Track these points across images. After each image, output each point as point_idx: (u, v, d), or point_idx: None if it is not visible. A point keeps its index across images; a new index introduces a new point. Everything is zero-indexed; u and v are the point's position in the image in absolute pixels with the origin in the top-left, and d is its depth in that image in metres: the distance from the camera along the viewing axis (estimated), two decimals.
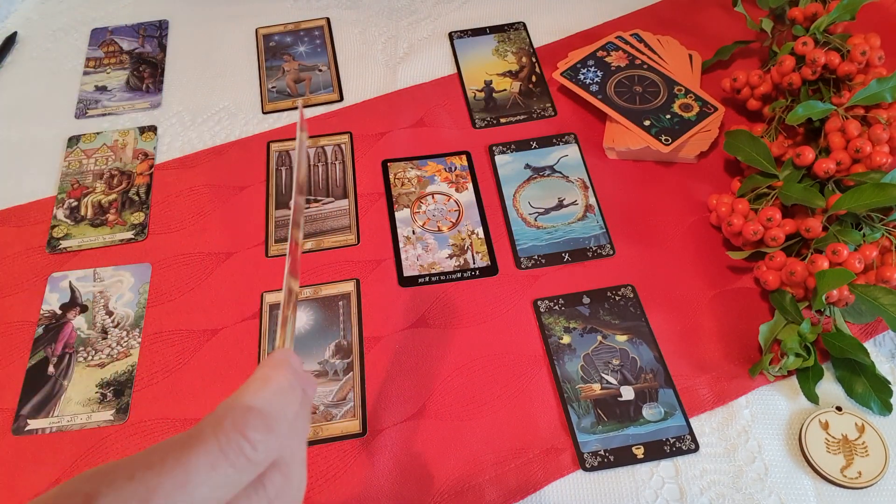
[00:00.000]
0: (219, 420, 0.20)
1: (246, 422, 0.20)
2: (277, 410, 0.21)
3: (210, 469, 0.19)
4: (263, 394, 0.21)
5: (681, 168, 0.54)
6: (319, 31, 0.65)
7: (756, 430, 0.41)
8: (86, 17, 0.68)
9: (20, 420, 0.43)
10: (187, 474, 0.18)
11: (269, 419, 0.20)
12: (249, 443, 0.19)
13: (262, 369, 0.22)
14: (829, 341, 0.42)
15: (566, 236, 0.50)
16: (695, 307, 0.46)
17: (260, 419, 0.20)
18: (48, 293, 0.49)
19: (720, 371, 0.44)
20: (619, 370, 0.43)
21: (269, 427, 0.20)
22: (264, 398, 0.21)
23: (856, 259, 0.42)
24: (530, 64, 0.61)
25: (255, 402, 0.21)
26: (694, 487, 0.39)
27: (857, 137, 0.45)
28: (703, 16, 0.64)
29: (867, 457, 0.39)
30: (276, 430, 0.20)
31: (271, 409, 0.21)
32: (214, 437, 0.19)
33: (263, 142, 0.57)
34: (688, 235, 0.50)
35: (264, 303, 0.48)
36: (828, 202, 0.44)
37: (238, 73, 0.62)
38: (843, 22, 0.51)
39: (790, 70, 0.50)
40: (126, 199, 0.54)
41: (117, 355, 0.46)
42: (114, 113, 0.60)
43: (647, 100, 0.55)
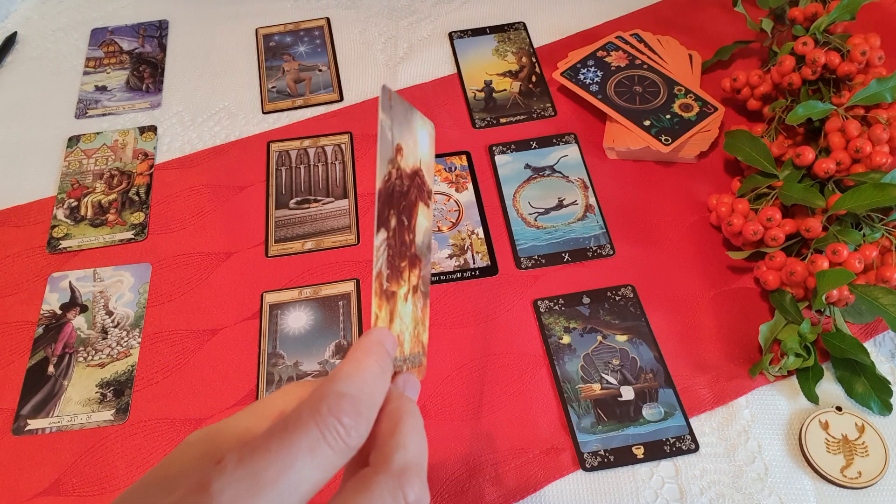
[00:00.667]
0: (316, 405, 0.21)
1: (340, 407, 0.21)
2: (367, 396, 0.22)
3: (311, 451, 0.20)
4: (354, 381, 0.22)
5: (681, 168, 0.54)
6: (319, 32, 0.65)
7: (756, 430, 0.41)
8: (86, 17, 0.68)
9: (20, 420, 0.43)
10: (291, 457, 0.19)
11: (360, 404, 0.21)
12: (344, 427, 0.20)
13: (355, 352, 0.23)
14: (829, 341, 0.42)
15: (566, 236, 0.50)
16: (695, 307, 0.46)
17: (351, 405, 0.21)
18: (48, 293, 0.49)
19: (720, 371, 0.44)
20: (619, 370, 0.43)
21: (359, 412, 0.21)
22: (356, 385, 0.22)
23: (856, 259, 0.42)
24: (530, 64, 0.61)
25: (347, 389, 0.21)
26: (694, 487, 0.39)
27: (857, 137, 0.45)
28: (703, 16, 0.64)
29: (867, 457, 0.39)
30: (365, 414, 0.21)
31: (361, 394, 0.22)
32: (313, 421, 0.20)
33: (263, 142, 0.57)
34: (688, 235, 0.50)
35: (264, 303, 0.48)
36: (828, 202, 0.44)
37: (238, 73, 0.62)
38: (843, 22, 0.51)
39: (790, 70, 0.50)
40: (126, 199, 0.54)
41: (117, 355, 0.46)
42: (114, 113, 0.60)
43: (647, 100, 0.55)
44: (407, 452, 0.22)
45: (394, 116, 0.27)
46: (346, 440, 0.20)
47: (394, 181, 0.27)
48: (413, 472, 0.22)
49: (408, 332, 0.28)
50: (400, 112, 0.28)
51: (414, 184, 0.29)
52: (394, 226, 0.27)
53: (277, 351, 0.45)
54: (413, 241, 0.28)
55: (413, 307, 0.28)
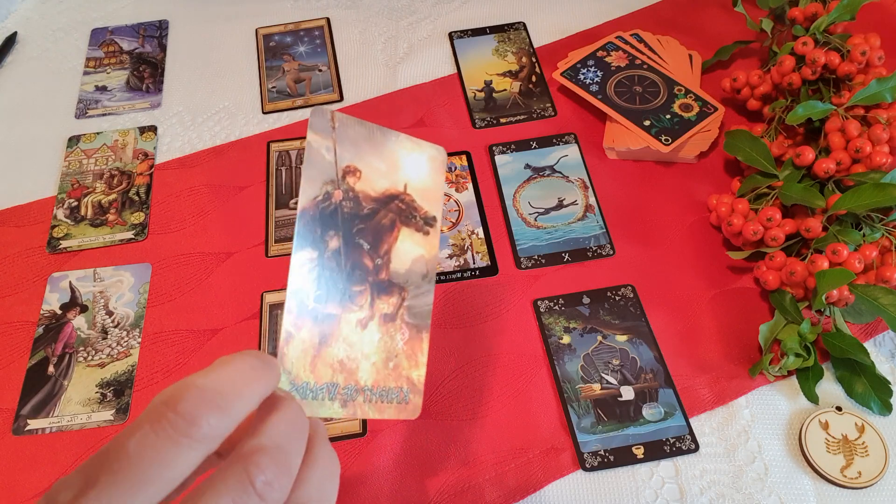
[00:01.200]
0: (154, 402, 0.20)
1: (181, 396, 0.20)
2: (228, 388, 0.21)
3: (141, 446, 0.19)
4: (213, 374, 0.21)
5: (681, 168, 0.54)
6: (319, 31, 0.65)
7: (756, 430, 0.41)
8: (86, 17, 0.68)
9: (20, 420, 0.43)
10: (126, 456, 0.19)
11: (212, 394, 0.20)
12: (183, 417, 0.19)
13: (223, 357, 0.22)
14: (828, 341, 0.42)
15: (566, 236, 0.50)
16: (695, 307, 0.46)
17: (197, 393, 0.20)
18: (48, 293, 0.49)
19: (720, 371, 0.44)
20: (618, 370, 0.43)
21: (209, 402, 0.20)
22: (213, 378, 0.21)
23: (856, 259, 0.42)
24: (530, 64, 0.61)
25: (200, 382, 0.20)
26: (694, 487, 0.39)
27: (857, 137, 0.45)
28: (703, 16, 0.64)
29: (867, 457, 0.40)
30: (222, 406, 0.20)
31: (218, 386, 0.20)
32: (145, 416, 0.19)
33: (263, 142, 0.57)
34: (688, 235, 0.50)
35: (264, 303, 0.48)
36: (828, 202, 0.44)
37: (238, 73, 0.62)
38: (843, 22, 0.51)
39: (790, 70, 0.50)
40: (126, 199, 0.54)
41: (117, 355, 0.46)
42: (114, 113, 0.60)
43: (647, 100, 0.55)
44: (262, 437, 0.21)
45: (340, 138, 0.27)
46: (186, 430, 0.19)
47: (337, 203, 0.26)
48: (263, 453, 0.20)
49: (367, 363, 0.26)
50: (354, 134, 0.27)
51: (389, 208, 0.28)
52: (335, 247, 0.26)
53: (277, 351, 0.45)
54: (383, 268, 0.27)
55: (383, 337, 0.27)
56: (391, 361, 0.27)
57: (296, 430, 0.23)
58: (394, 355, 0.27)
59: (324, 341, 0.26)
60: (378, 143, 0.28)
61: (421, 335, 0.28)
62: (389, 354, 0.27)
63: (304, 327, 0.25)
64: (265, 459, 0.20)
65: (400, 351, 0.27)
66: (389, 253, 0.28)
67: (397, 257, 0.28)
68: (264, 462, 0.20)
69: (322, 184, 0.26)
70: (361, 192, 0.27)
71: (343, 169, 0.27)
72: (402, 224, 0.28)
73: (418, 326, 0.28)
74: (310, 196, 0.26)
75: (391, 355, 0.27)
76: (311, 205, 0.26)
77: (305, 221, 0.25)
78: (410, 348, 0.28)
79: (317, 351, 0.25)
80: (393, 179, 0.28)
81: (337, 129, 0.27)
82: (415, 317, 0.28)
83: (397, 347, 0.27)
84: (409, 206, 0.28)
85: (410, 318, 0.28)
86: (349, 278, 0.26)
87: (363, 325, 0.27)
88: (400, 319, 0.28)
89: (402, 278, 0.28)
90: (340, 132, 0.27)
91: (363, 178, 0.27)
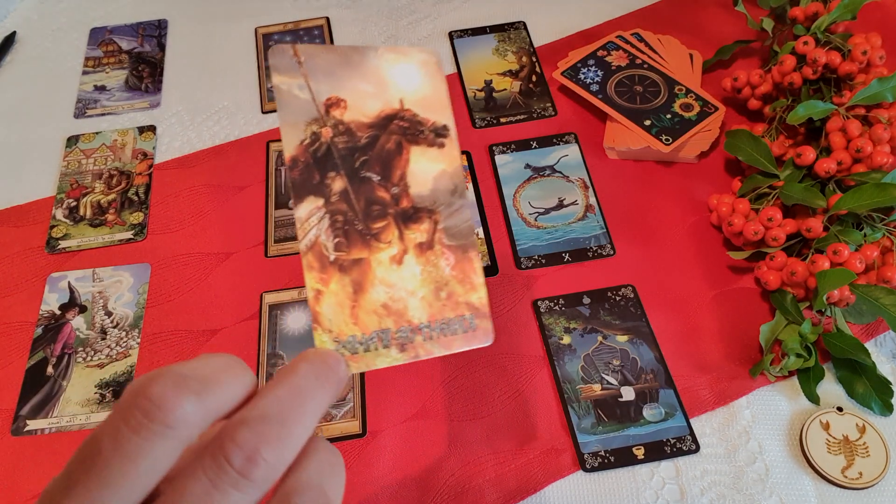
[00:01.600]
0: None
1: (154, 382, 0.18)
2: (206, 374, 0.19)
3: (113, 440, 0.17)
4: (190, 363, 0.19)
5: (681, 168, 0.54)
6: (319, 31, 0.65)
7: (757, 431, 0.41)
8: (85, 17, 0.68)
9: (19, 420, 0.43)
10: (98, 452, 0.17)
11: (187, 379, 0.18)
12: (154, 403, 0.17)
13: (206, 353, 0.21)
14: (829, 341, 0.42)
15: (566, 236, 0.50)
16: (695, 307, 0.46)
17: (172, 378, 0.18)
18: (47, 293, 0.49)
19: (721, 371, 0.44)
20: (619, 370, 0.43)
21: (184, 386, 0.18)
22: (188, 366, 0.19)
23: (857, 259, 0.42)
24: (530, 63, 0.61)
25: (175, 368, 0.19)
26: (694, 488, 0.39)
27: (858, 137, 0.45)
28: (703, 15, 0.64)
29: (868, 457, 0.39)
30: (198, 390, 0.18)
31: (195, 372, 0.19)
32: (117, 407, 0.18)
33: (263, 141, 0.57)
34: (688, 235, 0.50)
35: (264, 303, 0.48)
36: (829, 202, 0.44)
37: (237, 73, 0.62)
38: (844, 21, 0.51)
39: (791, 69, 0.50)
40: (125, 199, 0.54)
41: (116, 356, 0.46)
42: (113, 112, 0.60)
43: (647, 99, 0.55)
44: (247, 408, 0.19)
45: (311, 71, 0.24)
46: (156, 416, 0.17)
47: (328, 141, 0.24)
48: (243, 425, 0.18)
49: (415, 299, 0.24)
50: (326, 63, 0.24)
51: (390, 130, 0.25)
52: (341, 188, 0.24)
53: (277, 351, 0.45)
54: (402, 195, 0.25)
55: (425, 267, 0.24)
56: (442, 291, 0.25)
57: (292, 395, 0.20)
58: (443, 284, 0.25)
59: (358, 289, 0.24)
60: (356, 65, 0.25)
61: (469, 255, 0.25)
62: (438, 284, 0.25)
63: (332, 280, 0.23)
64: (245, 433, 0.18)
65: (449, 277, 0.25)
66: (405, 178, 0.25)
67: (415, 180, 0.25)
68: (243, 436, 0.18)
69: (304, 125, 0.24)
70: (352, 121, 0.25)
71: (324, 103, 0.24)
72: (410, 143, 0.25)
73: (463, 246, 0.25)
74: (295, 142, 0.23)
75: (440, 284, 0.25)
76: (300, 151, 0.24)
77: (299, 170, 0.23)
78: (460, 271, 0.25)
79: (353, 301, 0.24)
80: (385, 98, 0.25)
81: (305, 63, 0.24)
82: (455, 237, 0.25)
83: (444, 274, 0.25)
84: (412, 121, 0.26)
85: (450, 240, 0.25)
86: (366, 216, 0.24)
87: (397, 260, 0.24)
88: (439, 244, 0.25)
89: (428, 200, 0.25)
90: (309, 65, 0.24)
91: (350, 106, 0.25)
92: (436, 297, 0.25)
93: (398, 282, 0.24)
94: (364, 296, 0.24)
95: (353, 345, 0.23)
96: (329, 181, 0.24)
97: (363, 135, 0.25)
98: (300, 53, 0.24)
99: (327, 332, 0.23)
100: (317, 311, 0.23)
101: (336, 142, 0.24)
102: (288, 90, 0.24)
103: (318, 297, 0.23)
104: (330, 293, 0.23)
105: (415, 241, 0.25)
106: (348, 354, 0.23)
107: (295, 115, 0.24)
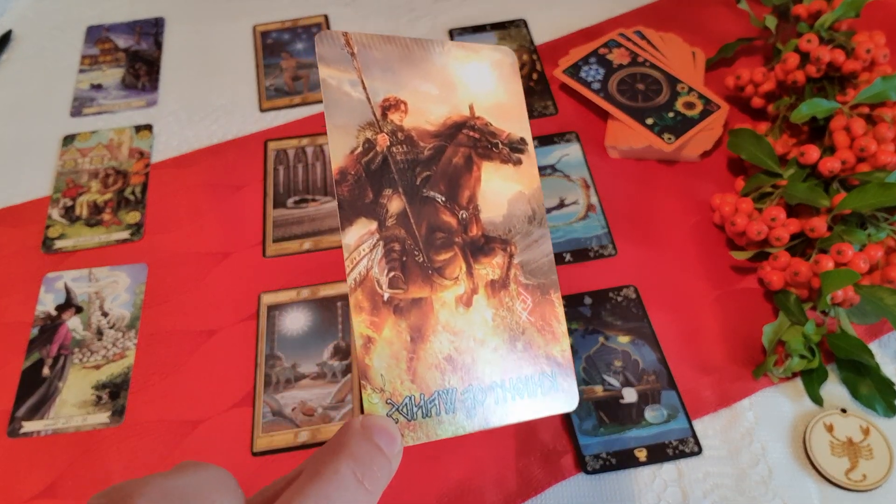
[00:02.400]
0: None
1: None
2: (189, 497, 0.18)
3: None
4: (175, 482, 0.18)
5: (684, 167, 0.53)
6: (317, 29, 0.65)
7: (760, 433, 0.41)
8: (81, 15, 0.67)
9: (15, 422, 0.43)
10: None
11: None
12: None
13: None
14: (833, 342, 0.42)
15: (567, 236, 0.49)
16: (698, 308, 0.46)
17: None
18: (43, 294, 0.48)
19: (723, 373, 0.43)
20: (621, 372, 0.43)
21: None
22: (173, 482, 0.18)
23: (861, 259, 0.41)
24: (531, 61, 0.61)
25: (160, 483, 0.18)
26: (697, 491, 0.39)
27: (861, 136, 0.45)
28: (706, 13, 0.63)
29: (872, 459, 0.39)
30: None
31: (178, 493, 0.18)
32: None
33: (261, 140, 0.56)
34: (691, 235, 0.49)
35: (261, 303, 0.47)
36: (832, 201, 0.44)
37: (235, 71, 0.61)
38: (848, 19, 0.50)
39: (794, 67, 0.50)
40: (122, 199, 0.53)
41: (113, 357, 0.45)
42: (109, 111, 0.59)
43: (649, 98, 0.54)
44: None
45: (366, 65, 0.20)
46: None
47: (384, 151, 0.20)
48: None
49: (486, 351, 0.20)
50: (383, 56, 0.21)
51: (458, 141, 0.21)
52: (399, 210, 0.20)
53: (275, 352, 0.45)
54: (472, 221, 0.21)
55: (499, 311, 0.20)
56: (518, 341, 0.21)
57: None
58: (520, 332, 0.21)
59: (418, 337, 0.20)
60: (419, 62, 0.21)
61: (549, 297, 0.21)
62: (514, 332, 0.21)
63: (386, 325, 0.19)
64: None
65: (527, 324, 0.21)
66: (475, 200, 0.21)
67: (487, 203, 0.21)
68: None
69: (357, 130, 0.20)
70: (414, 128, 0.21)
71: (381, 105, 0.20)
72: (482, 158, 0.22)
73: (542, 286, 0.21)
74: (344, 150, 0.19)
75: (516, 333, 0.21)
76: (350, 161, 0.20)
77: (349, 185, 0.19)
78: (540, 317, 0.21)
79: (412, 352, 0.19)
80: (453, 103, 0.21)
81: (358, 55, 0.20)
82: (533, 275, 0.21)
83: (521, 321, 0.21)
84: (485, 132, 0.22)
85: (528, 279, 0.21)
86: (429, 245, 0.20)
87: (465, 302, 0.20)
88: (514, 283, 0.21)
89: (503, 228, 0.21)
90: (363, 57, 0.20)
91: (411, 110, 0.21)
92: (511, 349, 0.20)
93: (466, 328, 0.20)
94: (424, 346, 0.20)
95: (410, 409, 0.19)
96: (384, 200, 0.20)
97: (426, 145, 0.21)
98: (353, 42, 0.21)
99: (378, 392, 0.19)
100: (366, 365, 0.19)
101: (394, 152, 0.21)
102: (338, 86, 0.20)
103: (367, 347, 0.19)
104: (383, 342, 0.19)
105: (486, 278, 0.21)
106: (403, 421, 0.19)
107: (345, 117, 0.20)
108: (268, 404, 0.43)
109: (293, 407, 0.42)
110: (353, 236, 0.19)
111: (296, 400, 0.43)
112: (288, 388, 0.43)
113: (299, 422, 0.42)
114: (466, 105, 0.22)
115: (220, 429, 0.42)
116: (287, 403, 0.42)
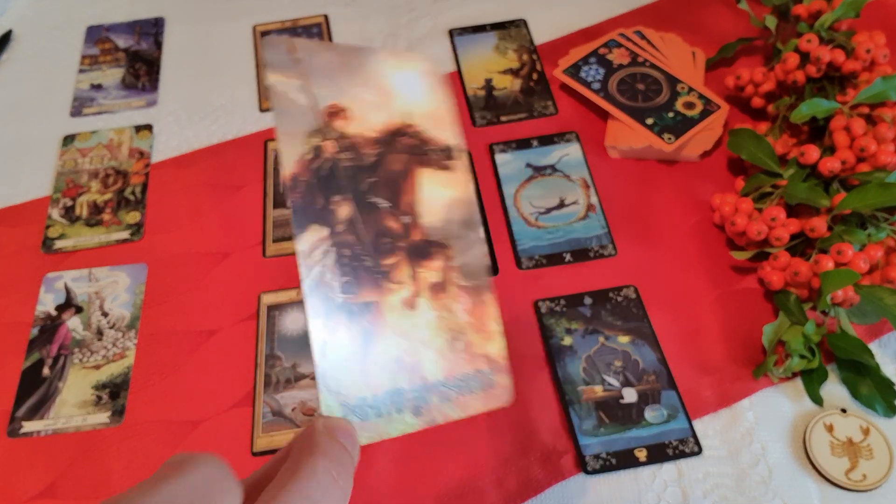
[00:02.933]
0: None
1: None
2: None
3: None
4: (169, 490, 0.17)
5: (684, 167, 0.53)
6: (318, 29, 0.65)
7: (760, 433, 0.41)
8: (81, 15, 0.67)
9: (15, 422, 0.43)
10: None
11: None
12: None
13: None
14: (833, 342, 0.42)
15: (567, 236, 0.49)
16: (698, 308, 0.46)
17: None
18: (43, 294, 0.48)
19: (723, 373, 0.43)
20: (621, 372, 0.43)
21: None
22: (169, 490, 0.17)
23: (861, 259, 0.41)
24: (531, 61, 0.61)
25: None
26: (697, 491, 0.39)
27: (861, 136, 0.45)
28: (706, 13, 0.63)
29: (872, 459, 0.39)
30: None
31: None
32: None
33: (261, 140, 0.56)
34: (691, 235, 0.49)
35: (262, 304, 0.47)
36: (833, 201, 0.44)
37: (235, 71, 0.61)
38: (848, 19, 0.50)
39: (794, 67, 0.50)
40: (121, 199, 0.53)
41: (113, 357, 0.45)
42: (109, 111, 0.59)
43: (649, 98, 0.54)
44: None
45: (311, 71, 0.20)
46: None
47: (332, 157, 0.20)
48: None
49: (429, 351, 0.21)
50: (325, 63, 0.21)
51: (396, 147, 0.22)
52: (347, 216, 0.20)
53: (275, 352, 0.45)
54: (413, 226, 0.22)
55: (440, 313, 0.21)
56: (458, 341, 0.22)
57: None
58: (459, 332, 0.21)
59: (369, 340, 0.20)
60: (357, 69, 0.21)
61: (483, 298, 0.22)
62: (454, 332, 0.21)
63: (339, 328, 0.20)
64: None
65: (465, 325, 0.22)
66: (415, 205, 0.22)
67: (426, 208, 0.22)
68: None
69: (305, 136, 0.20)
70: (357, 135, 0.21)
71: (326, 111, 0.21)
72: (418, 164, 0.22)
73: (478, 288, 0.22)
74: (294, 156, 0.20)
75: (456, 333, 0.22)
76: (301, 168, 0.20)
77: (300, 192, 0.20)
78: (477, 318, 0.22)
79: (364, 353, 0.20)
80: (389, 111, 0.22)
81: (303, 61, 0.20)
82: (470, 276, 0.22)
83: (460, 321, 0.22)
84: (420, 138, 0.22)
85: (465, 280, 0.22)
86: (376, 250, 0.21)
87: (410, 304, 0.21)
88: (453, 285, 0.22)
89: (441, 233, 0.22)
90: (308, 64, 0.20)
91: (353, 117, 0.21)
92: (451, 349, 0.21)
93: (411, 330, 0.21)
94: (376, 348, 0.20)
95: (364, 409, 0.20)
96: (334, 206, 0.20)
97: (370, 152, 0.21)
98: (297, 49, 0.21)
99: (334, 394, 0.20)
100: (323, 369, 0.20)
101: (340, 158, 0.21)
102: (285, 92, 0.20)
103: (323, 351, 0.20)
104: (336, 345, 0.20)
105: (428, 280, 0.21)
106: (358, 421, 0.20)
107: (294, 123, 0.20)
108: (268, 404, 0.43)
109: (293, 407, 0.42)
110: (307, 243, 0.20)
111: (296, 400, 0.43)
112: (288, 388, 0.43)
113: (299, 422, 0.42)
114: (402, 112, 0.22)
115: (220, 429, 0.42)
116: (287, 403, 0.42)
